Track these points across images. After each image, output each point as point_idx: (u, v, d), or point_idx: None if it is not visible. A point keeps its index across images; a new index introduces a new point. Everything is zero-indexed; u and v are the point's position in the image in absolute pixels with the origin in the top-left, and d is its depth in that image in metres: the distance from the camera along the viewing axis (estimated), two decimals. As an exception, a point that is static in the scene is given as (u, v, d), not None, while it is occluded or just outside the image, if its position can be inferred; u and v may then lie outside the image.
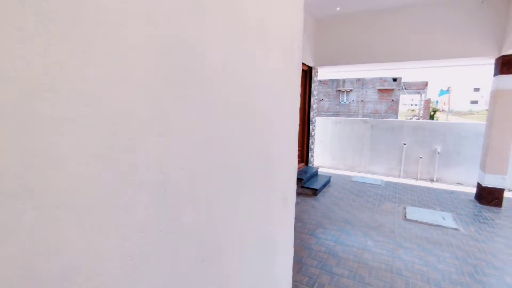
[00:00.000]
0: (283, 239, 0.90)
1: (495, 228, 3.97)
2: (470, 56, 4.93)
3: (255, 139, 0.73)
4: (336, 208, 4.62)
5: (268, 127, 0.78)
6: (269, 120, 0.80)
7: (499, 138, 4.78)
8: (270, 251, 0.83)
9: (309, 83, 6.30)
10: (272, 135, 0.80)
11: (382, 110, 25.68)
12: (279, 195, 0.84)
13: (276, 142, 0.83)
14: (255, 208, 0.75)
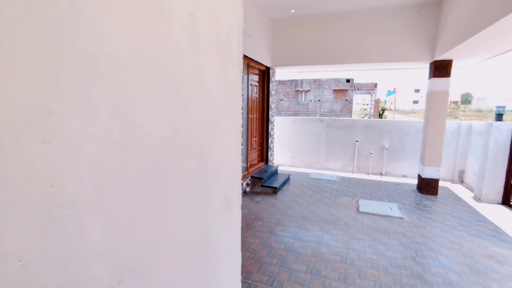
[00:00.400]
0: (227, 243, 0.86)
1: (432, 214, 4.43)
2: (408, 60, 5.43)
3: (187, 139, 0.68)
4: (295, 205, 4.74)
5: (203, 127, 0.74)
6: (205, 120, 0.75)
7: (434, 134, 5.35)
8: (211, 258, 0.79)
9: (267, 83, 6.38)
10: (209, 135, 0.76)
11: (337, 110, 27.20)
12: (220, 199, 0.80)
13: (214, 143, 0.79)
14: (189, 215, 0.70)
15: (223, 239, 0.82)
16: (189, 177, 0.68)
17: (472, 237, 3.64)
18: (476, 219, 4.26)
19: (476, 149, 5.80)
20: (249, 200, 4.97)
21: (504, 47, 4.23)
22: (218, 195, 0.79)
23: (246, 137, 5.50)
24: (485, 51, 4.46)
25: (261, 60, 5.83)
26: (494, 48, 4.25)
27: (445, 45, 4.72)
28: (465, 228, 3.93)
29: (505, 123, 4.88)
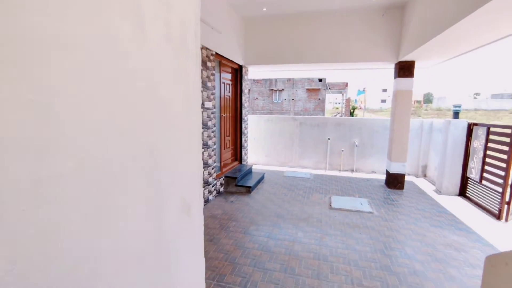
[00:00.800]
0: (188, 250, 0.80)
1: (399, 208, 4.65)
2: (375, 60, 5.66)
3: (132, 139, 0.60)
4: (269, 204, 4.74)
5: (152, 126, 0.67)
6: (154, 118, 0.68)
7: (399, 131, 5.63)
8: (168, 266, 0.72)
9: (240, 82, 6.32)
10: (161, 135, 0.69)
11: (310, 108, 27.83)
12: (177, 204, 0.74)
13: (168, 143, 0.72)
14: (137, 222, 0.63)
15: (183, 246, 0.76)
16: (135, 181, 0.61)
17: (434, 228, 3.86)
18: (437, 210, 4.54)
19: (437, 145, 6.20)
20: (223, 200, 4.89)
21: (461, 50, 4.54)
22: (175, 199, 0.72)
23: (219, 136, 5.40)
24: (444, 53, 4.76)
25: (233, 58, 5.75)
26: (452, 50, 4.55)
27: (408, 47, 4.97)
28: (428, 219, 4.16)
29: (461, 120, 5.25)
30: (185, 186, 0.78)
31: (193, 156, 0.82)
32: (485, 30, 3.42)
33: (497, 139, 4.56)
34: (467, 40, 3.91)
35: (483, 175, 4.77)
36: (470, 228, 3.88)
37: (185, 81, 0.77)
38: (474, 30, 3.40)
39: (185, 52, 0.75)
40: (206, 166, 4.61)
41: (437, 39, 3.90)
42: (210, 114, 4.65)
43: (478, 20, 3.05)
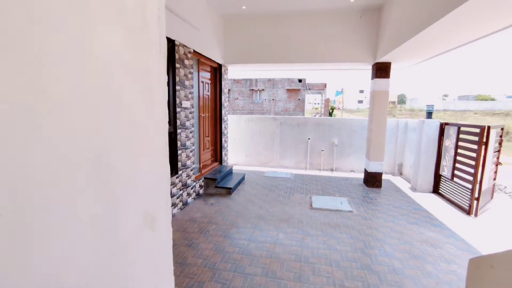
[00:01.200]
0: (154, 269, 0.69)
1: (377, 206, 4.74)
2: (353, 61, 5.75)
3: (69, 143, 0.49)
4: (250, 205, 4.65)
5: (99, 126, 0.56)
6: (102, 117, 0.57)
7: (377, 131, 5.76)
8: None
9: (219, 81, 6.18)
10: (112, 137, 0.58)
11: (291, 108, 28.11)
12: (137, 216, 0.63)
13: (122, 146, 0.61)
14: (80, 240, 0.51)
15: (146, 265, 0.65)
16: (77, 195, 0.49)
17: (410, 225, 3.96)
18: (413, 208, 4.67)
19: (412, 144, 6.41)
20: (202, 203, 4.74)
21: (434, 52, 4.71)
22: (134, 212, 0.61)
23: (198, 136, 5.24)
24: (418, 54, 4.91)
25: (212, 57, 5.61)
26: (426, 52, 4.70)
27: (384, 49, 5.09)
28: (405, 217, 4.27)
29: (434, 120, 5.46)
30: (148, 195, 0.66)
31: (158, 160, 0.71)
32: (457, 33, 3.55)
33: (467, 138, 4.77)
34: (440, 43, 4.05)
35: (454, 173, 4.98)
36: (444, 224, 4.01)
37: (145, 73, 0.66)
38: (446, 32, 3.52)
39: (145, 37, 0.64)
40: (185, 168, 4.44)
41: (412, 41, 4.00)
42: (188, 114, 4.48)
43: (450, 23, 3.16)
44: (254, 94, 29.27)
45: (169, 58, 3.92)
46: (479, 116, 38.29)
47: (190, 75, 4.51)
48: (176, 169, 4.18)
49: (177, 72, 4.05)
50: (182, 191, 4.39)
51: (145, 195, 0.65)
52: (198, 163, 5.32)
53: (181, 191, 4.35)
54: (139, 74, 0.63)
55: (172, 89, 4.01)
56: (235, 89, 29.43)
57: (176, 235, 3.53)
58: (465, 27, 3.27)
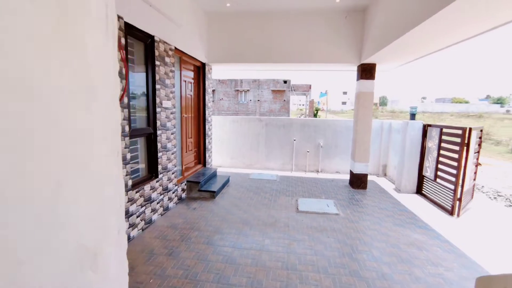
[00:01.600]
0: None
1: (363, 208, 4.70)
2: (339, 62, 5.72)
3: None
4: (234, 209, 4.49)
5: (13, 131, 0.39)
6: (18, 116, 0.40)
7: (362, 132, 5.75)
8: None
9: (203, 80, 5.97)
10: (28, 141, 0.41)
11: (276, 109, 28.14)
12: (69, 253, 0.46)
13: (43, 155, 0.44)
14: None
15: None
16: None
17: (396, 227, 3.93)
18: (398, 209, 4.67)
19: (396, 146, 6.48)
20: (185, 208, 4.52)
21: (416, 55, 4.74)
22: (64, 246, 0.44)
23: (180, 138, 5.01)
24: (402, 56, 4.94)
25: (195, 55, 5.40)
26: (409, 54, 4.72)
27: (369, 50, 5.08)
28: (391, 218, 4.25)
29: (417, 121, 5.52)
30: (85, 223, 0.49)
31: (102, 173, 0.54)
32: (438, 36, 3.58)
33: (449, 139, 4.84)
34: (423, 45, 4.07)
35: (437, 174, 5.04)
36: (429, 225, 4.02)
37: (79, 57, 0.49)
38: (429, 35, 3.55)
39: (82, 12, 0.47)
40: (166, 171, 4.21)
41: (396, 43, 4.00)
42: (169, 114, 4.26)
43: (432, 27, 3.17)
44: (239, 94, 29.07)
45: (148, 55, 3.69)
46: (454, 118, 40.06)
47: (172, 74, 4.29)
48: (156, 173, 3.95)
49: (157, 70, 3.82)
50: (163, 196, 4.15)
51: (83, 223, 0.48)
52: (181, 166, 5.09)
53: (162, 195, 4.11)
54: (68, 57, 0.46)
55: (151, 88, 3.78)
56: (220, 90, 29.12)
57: (156, 243, 3.31)
58: (445, 31, 3.33)
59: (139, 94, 3.67)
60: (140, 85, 3.68)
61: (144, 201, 3.61)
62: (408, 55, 4.83)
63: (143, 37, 3.55)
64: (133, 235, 3.36)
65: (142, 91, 3.71)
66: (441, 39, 3.68)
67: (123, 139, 3.07)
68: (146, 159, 3.87)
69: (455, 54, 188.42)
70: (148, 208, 3.70)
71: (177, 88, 4.80)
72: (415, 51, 4.45)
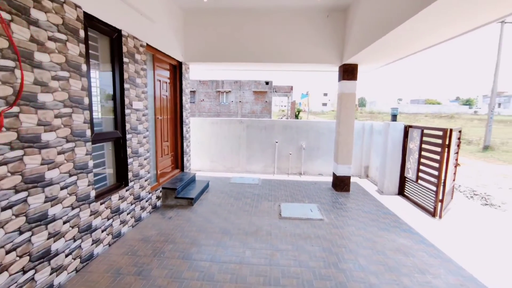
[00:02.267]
0: None
1: (347, 212, 4.58)
2: (320, 62, 5.59)
3: None
4: (214, 217, 4.20)
5: None
6: None
7: (345, 134, 5.66)
8: None
9: (179, 80, 5.64)
10: None
11: (258, 111, 28.00)
12: None
13: None
14: None
15: None
16: None
17: (382, 232, 3.82)
18: (382, 212, 4.59)
19: (377, 147, 6.46)
20: (159, 217, 4.18)
21: (398, 56, 4.71)
22: None
23: (154, 142, 4.65)
24: (382, 58, 4.88)
25: (171, 53, 5.06)
26: (389, 55, 4.67)
27: (351, 50, 4.99)
28: (375, 222, 4.14)
29: (399, 123, 5.50)
30: None
31: None
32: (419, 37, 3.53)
33: (430, 140, 4.83)
34: (404, 46, 4.02)
35: (418, 175, 5.03)
36: (413, 229, 3.95)
37: None
38: (411, 35, 3.49)
39: None
40: (137, 178, 3.86)
41: (377, 44, 3.93)
42: (140, 116, 3.91)
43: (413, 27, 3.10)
44: (220, 95, 28.66)
45: (115, 51, 3.34)
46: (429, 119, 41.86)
47: (143, 72, 3.95)
48: (125, 181, 3.59)
49: (126, 68, 3.48)
50: (134, 205, 3.80)
51: None
52: (155, 172, 4.72)
53: (133, 205, 3.75)
54: None
55: (119, 87, 3.43)
56: (201, 91, 28.57)
57: (124, 260, 2.96)
58: (426, 31, 3.31)
59: (105, 94, 3.31)
60: (106, 84, 3.32)
61: (112, 213, 3.25)
62: (389, 56, 4.79)
63: (108, 31, 3.20)
64: (97, 252, 3.00)
65: (109, 90, 3.36)
66: (421, 40, 3.66)
67: (84, 145, 2.72)
68: (115, 166, 3.51)
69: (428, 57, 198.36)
70: (116, 221, 3.34)
71: (150, 88, 4.45)
72: (396, 52, 4.40)
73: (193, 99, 28.80)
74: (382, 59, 4.99)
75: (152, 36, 4.24)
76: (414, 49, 4.16)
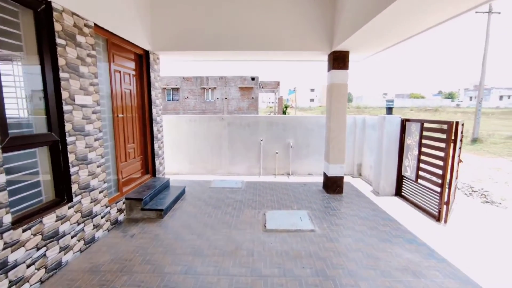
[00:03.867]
0: None
1: (342, 219, 4.00)
2: (308, 49, 4.97)
3: None
4: (186, 233, 3.52)
5: None
6: None
7: (336, 129, 5.07)
8: None
9: (146, 72, 4.88)
10: None
11: (244, 107, 27.28)
12: None
13: None
14: None
15: None
16: None
17: (383, 244, 3.26)
18: (380, 218, 4.04)
19: (371, 143, 5.93)
20: (119, 236, 3.46)
21: (390, 41, 4.15)
22: None
23: (113, 144, 3.90)
24: (374, 43, 4.32)
25: (134, 40, 4.31)
26: (381, 40, 4.10)
27: (341, 36, 4.39)
28: (374, 231, 3.58)
29: (395, 116, 4.97)
30: None
31: None
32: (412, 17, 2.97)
33: (431, 135, 4.31)
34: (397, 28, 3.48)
35: (418, 174, 4.51)
36: (418, 238, 3.40)
37: None
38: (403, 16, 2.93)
39: None
40: (87, 191, 3.12)
41: (368, 26, 3.38)
42: (89, 113, 3.16)
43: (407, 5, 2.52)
44: (205, 92, 27.76)
45: (43, 29, 2.58)
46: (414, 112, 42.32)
47: (91, 60, 3.20)
48: (68, 195, 2.85)
49: (61, 52, 2.72)
50: (84, 225, 3.06)
51: None
52: (115, 180, 3.98)
53: (81, 225, 3.02)
54: None
55: (52, 77, 2.67)
56: (185, 88, 27.57)
57: (59, 302, 2.25)
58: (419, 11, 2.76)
59: (33, 86, 2.55)
60: (35, 73, 2.56)
61: (45, 240, 2.51)
62: (384, 39, 4.21)
63: (30, 1, 2.44)
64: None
65: (38, 81, 2.60)
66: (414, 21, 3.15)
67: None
68: (52, 177, 2.76)
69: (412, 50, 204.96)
70: (52, 249, 2.60)
71: (105, 79, 3.69)
72: (388, 35, 3.84)
73: (177, 97, 27.77)
74: (376, 43, 4.40)
75: (105, 16, 3.48)
76: (409, 32, 3.61)
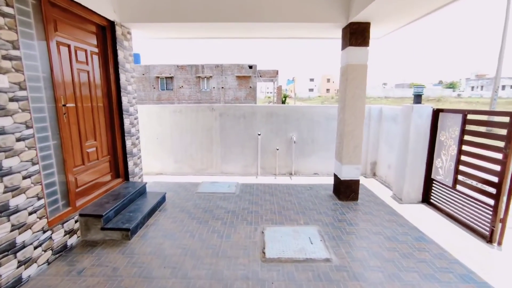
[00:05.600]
0: None
1: (362, 239, 3.07)
2: (316, 21, 3.93)
3: None
4: (156, 265, 2.58)
5: None
6: None
7: (352, 122, 4.09)
8: None
9: (112, 49, 3.83)
10: None
11: (242, 97, 26.14)
12: None
13: None
14: None
15: None
16: None
17: (428, 284, 2.34)
18: (413, 237, 3.12)
19: (389, 138, 4.97)
20: (63, 271, 2.51)
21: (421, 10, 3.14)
22: None
23: (59, 143, 2.89)
24: (404, 12, 3.29)
25: (91, 6, 3.26)
26: (413, 8, 3.08)
27: (361, 1, 3.36)
28: (412, 261, 2.66)
29: (425, 106, 3.99)
30: None
31: None
32: None
33: (479, 130, 3.35)
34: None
35: (457, 178, 3.58)
36: (473, 273, 2.49)
37: None
38: None
39: None
40: (3, 215, 2.15)
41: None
42: (4, 101, 2.16)
43: None
44: (201, 81, 26.52)
45: None
46: (416, 102, 41.31)
47: (5, 21, 2.17)
48: (-33, 226, 1.88)
49: None
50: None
51: None
52: (65, 191, 2.99)
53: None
54: None
55: None
56: (180, 77, 26.30)
57: None
58: None
59: None
60: None
61: None
62: (412, 9, 3.21)
63: None
64: None
65: None
66: None
67: None
68: None
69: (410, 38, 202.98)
70: None
71: (44, 57, 2.65)
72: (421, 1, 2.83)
73: (171, 86, 26.54)
74: (406, 11, 3.39)
75: (34, -38, 2.43)
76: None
